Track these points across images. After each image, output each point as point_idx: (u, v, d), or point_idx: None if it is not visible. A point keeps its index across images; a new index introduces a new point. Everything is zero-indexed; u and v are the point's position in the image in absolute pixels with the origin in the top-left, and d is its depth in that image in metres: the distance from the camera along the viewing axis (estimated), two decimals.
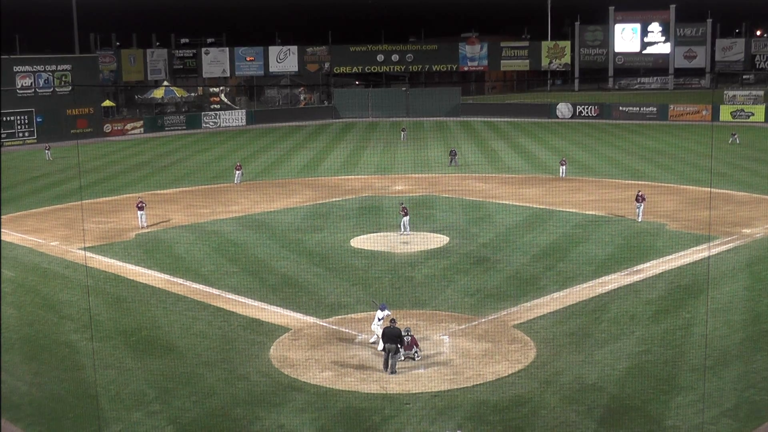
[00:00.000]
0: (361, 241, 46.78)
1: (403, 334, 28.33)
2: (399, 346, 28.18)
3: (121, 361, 29.29)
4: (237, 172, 68.06)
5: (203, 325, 33.08)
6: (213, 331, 32.39)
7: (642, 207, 50.52)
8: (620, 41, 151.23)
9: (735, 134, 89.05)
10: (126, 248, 45.85)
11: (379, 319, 30.12)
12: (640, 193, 51.19)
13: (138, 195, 58.85)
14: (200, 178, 70.89)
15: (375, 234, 48.26)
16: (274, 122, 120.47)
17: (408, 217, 47.46)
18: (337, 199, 60.18)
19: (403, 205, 48.35)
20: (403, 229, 47.35)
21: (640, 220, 49.95)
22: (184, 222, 52.79)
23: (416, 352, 28.93)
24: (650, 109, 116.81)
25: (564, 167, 68.47)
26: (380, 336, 29.08)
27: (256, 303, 35.66)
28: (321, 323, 33.06)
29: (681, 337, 30.86)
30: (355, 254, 44.18)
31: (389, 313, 30.45)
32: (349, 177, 70.35)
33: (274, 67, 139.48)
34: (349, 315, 33.94)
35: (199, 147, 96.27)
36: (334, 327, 32.57)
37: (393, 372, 27.81)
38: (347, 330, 32.13)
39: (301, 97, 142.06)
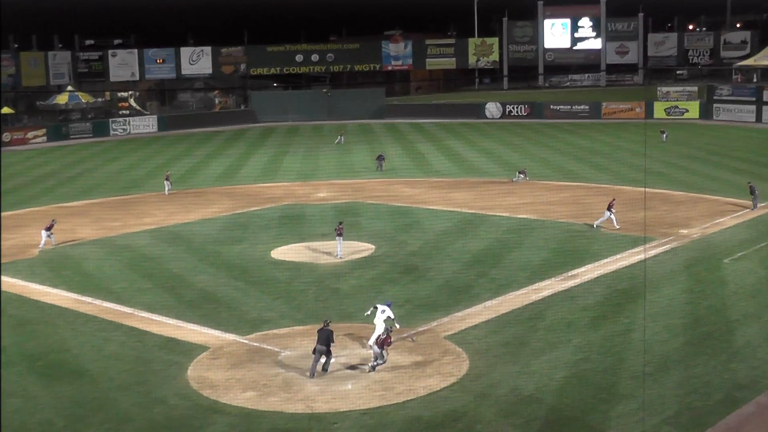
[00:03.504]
0: (283, 252, 46.53)
1: (383, 331, 29.39)
2: (330, 349, 28.85)
3: (26, 389, 28.63)
4: (166, 182, 67.06)
5: (116, 347, 32.57)
6: (126, 353, 31.91)
7: (610, 214, 49.28)
8: (550, 37, 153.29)
9: (665, 132, 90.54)
10: (30, 266, 44.93)
11: (382, 311, 31.39)
12: (613, 201, 49.83)
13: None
14: (110, 189, 69.92)
15: (298, 244, 48.04)
16: (188, 128, 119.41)
17: (341, 237, 45.43)
18: (257, 208, 59.83)
19: (341, 225, 46.09)
20: (338, 250, 45.43)
21: (607, 224, 49.30)
22: (94, 236, 51.97)
23: (380, 359, 28.98)
24: (582, 107, 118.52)
25: (522, 176, 67.47)
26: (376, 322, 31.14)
27: (173, 321, 35.23)
28: (242, 340, 32.79)
29: (620, 343, 31.25)
30: (277, 266, 43.93)
31: (390, 315, 31.40)
32: (270, 184, 70.02)
33: (187, 69, 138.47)
34: (272, 331, 33.72)
35: (108, 156, 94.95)
36: (256, 344, 32.32)
37: (314, 376, 28.45)
38: (270, 347, 31.89)
39: (216, 101, 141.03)
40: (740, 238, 47.11)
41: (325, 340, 29.01)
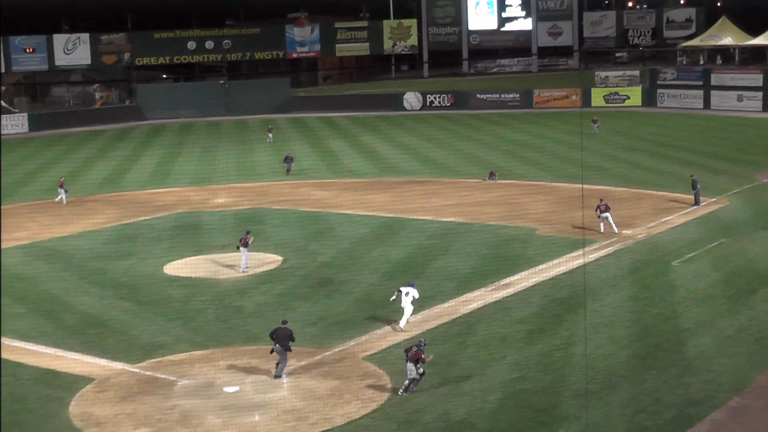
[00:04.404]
0: (177, 267, 46.18)
1: (418, 344, 29.61)
2: (289, 349, 30.62)
3: None
4: (61, 189, 65.82)
5: None
6: None
7: (608, 217, 49.22)
8: (474, 18, 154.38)
9: (597, 122, 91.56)
10: None
11: (406, 294, 34.97)
12: (603, 203, 49.53)
13: None
14: None
15: (195, 258, 47.74)
16: (64, 127, 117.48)
17: (246, 248, 45.15)
18: (147, 217, 59.27)
19: (247, 235, 45.68)
20: (243, 262, 45.47)
21: (606, 230, 49.04)
22: None
23: (418, 376, 29.01)
24: (512, 95, 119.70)
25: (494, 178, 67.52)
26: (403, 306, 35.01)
27: (51, 350, 34.70)
28: (132, 369, 32.45)
29: (560, 359, 31.61)
30: (171, 283, 43.60)
31: (415, 295, 35.00)
32: (160, 190, 69.40)
33: (61, 59, 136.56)
34: (167, 357, 33.45)
35: None
36: (148, 373, 32.00)
37: (278, 376, 30.46)
38: (165, 376, 31.61)
39: (97, 96, 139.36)
40: (689, 238, 48.02)
41: (284, 340, 30.70)
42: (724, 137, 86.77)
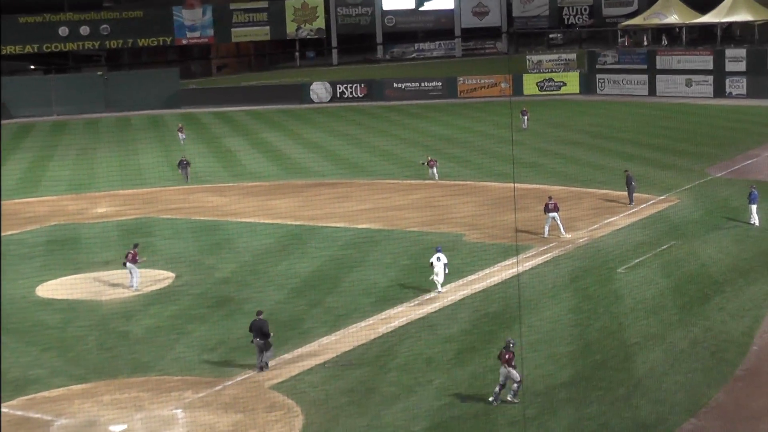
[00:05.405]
0: (52, 288, 45.58)
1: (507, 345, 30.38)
2: (269, 341, 33.39)
3: None
4: None
5: None
6: None
7: (556, 217, 49.85)
8: None
9: (527, 113, 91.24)
10: None
11: (438, 259, 40.67)
12: (552, 202, 50.21)
13: None
14: None
15: (72, 276, 47.21)
16: None
17: (135, 264, 44.77)
18: (14, 231, 58.34)
19: (135, 249, 45.32)
20: (133, 281, 45.34)
21: (551, 233, 49.79)
22: None
23: (517, 385, 29.54)
24: (434, 84, 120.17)
25: (434, 169, 67.68)
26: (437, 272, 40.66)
27: None
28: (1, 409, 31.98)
29: (493, 381, 31.61)
30: (45, 307, 43.05)
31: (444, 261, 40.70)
32: (30, 200, 68.47)
33: None
34: (41, 393, 33.03)
35: None
36: (19, 413, 31.57)
37: (263, 369, 33.13)
38: (39, 415, 31.23)
39: None
40: (636, 241, 48.56)
41: (259, 331, 33.40)
42: (671, 127, 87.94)
